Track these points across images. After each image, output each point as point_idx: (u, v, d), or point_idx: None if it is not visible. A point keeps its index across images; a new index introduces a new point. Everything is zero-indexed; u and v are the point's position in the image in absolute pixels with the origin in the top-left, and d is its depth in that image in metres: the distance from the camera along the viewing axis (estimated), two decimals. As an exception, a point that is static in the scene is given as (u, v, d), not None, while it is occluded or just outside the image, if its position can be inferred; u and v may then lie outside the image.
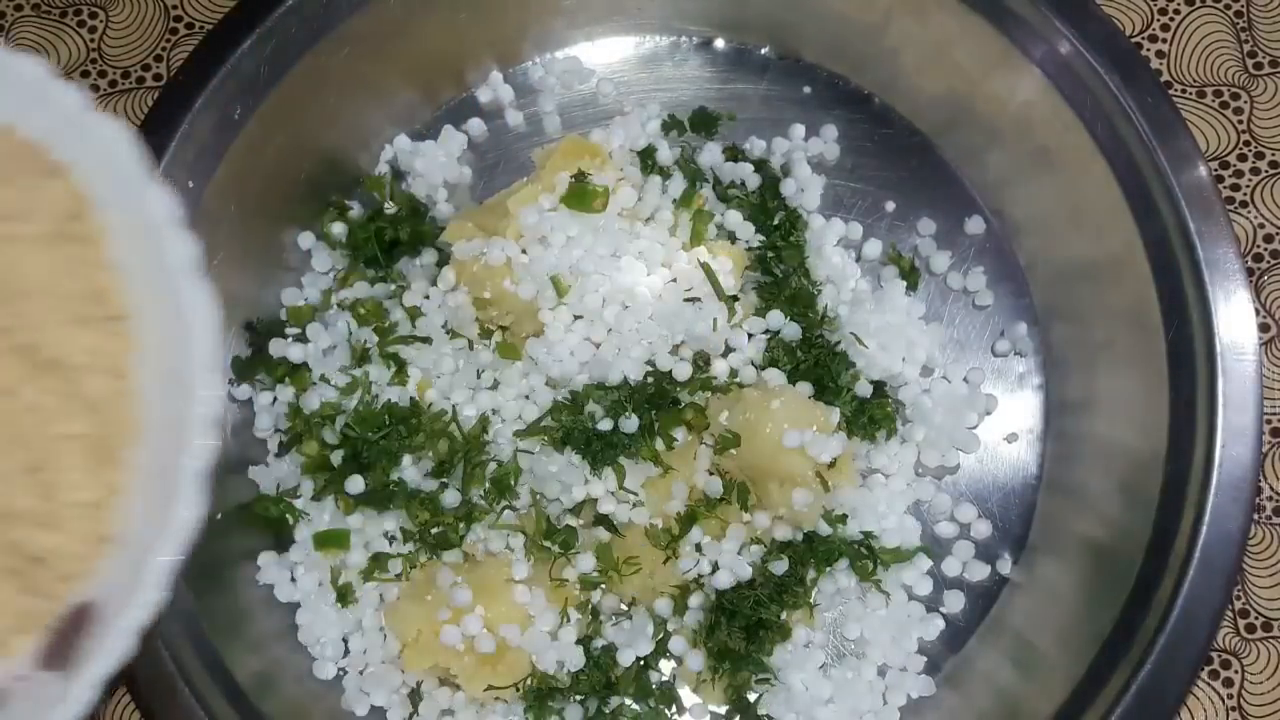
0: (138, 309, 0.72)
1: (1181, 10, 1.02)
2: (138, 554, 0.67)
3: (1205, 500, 0.80)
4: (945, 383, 0.94)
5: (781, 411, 0.86)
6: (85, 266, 0.72)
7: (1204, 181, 0.84)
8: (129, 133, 0.72)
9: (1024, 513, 0.94)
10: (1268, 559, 0.93)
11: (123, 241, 0.73)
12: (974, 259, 0.98)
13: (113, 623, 0.65)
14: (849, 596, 0.90)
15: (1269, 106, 1.00)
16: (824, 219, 0.96)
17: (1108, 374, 0.92)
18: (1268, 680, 0.91)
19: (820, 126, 0.99)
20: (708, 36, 1.02)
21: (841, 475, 0.88)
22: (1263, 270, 0.98)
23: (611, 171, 0.95)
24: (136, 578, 0.66)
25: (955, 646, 0.92)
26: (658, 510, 0.88)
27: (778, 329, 0.91)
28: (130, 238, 0.73)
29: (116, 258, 0.73)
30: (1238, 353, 0.82)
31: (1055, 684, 0.83)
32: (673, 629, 0.88)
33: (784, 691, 0.87)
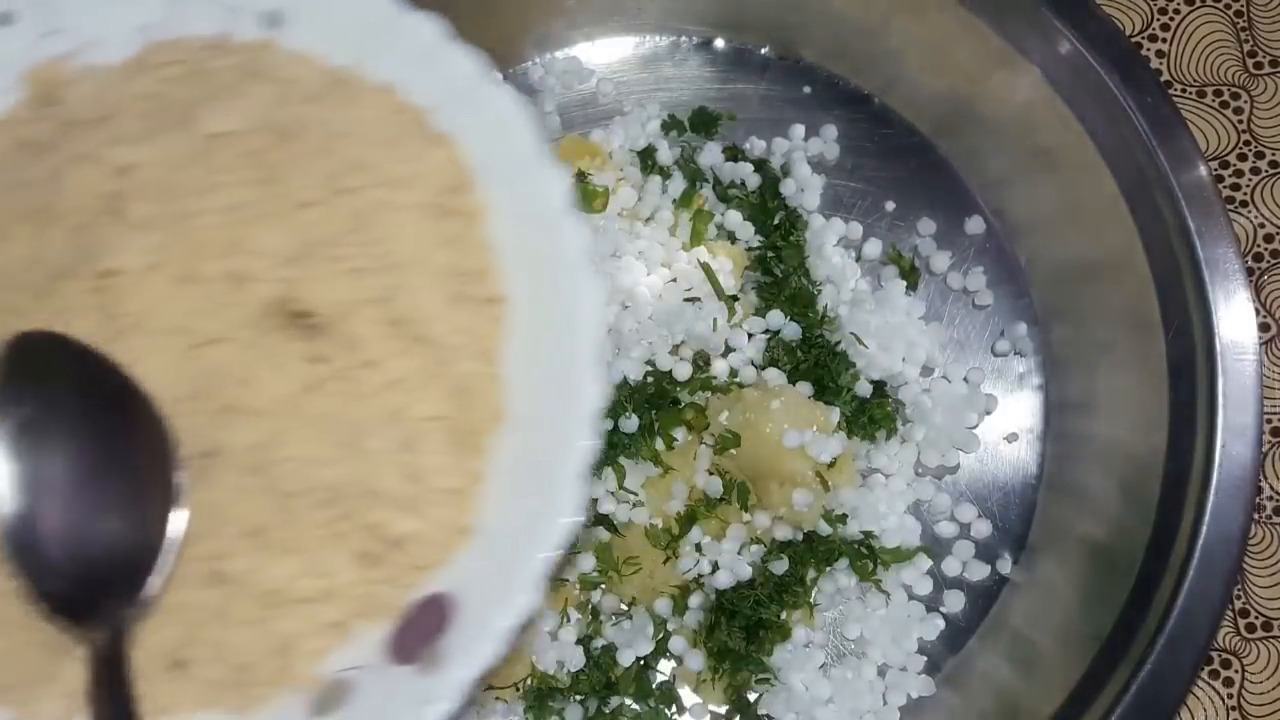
0: (515, 293, 0.68)
1: (1181, 10, 1.02)
2: (503, 550, 0.62)
3: (1205, 500, 0.80)
4: (945, 382, 0.94)
5: (781, 411, 0.86)
6: (463, 243, 0.68)
7: (1204, 181, 0.84)
8: (525, 107, 0.67)
9: (1024, 512, 0.94)
10: (1268, 559, 0.93)
11: (506, 221, 0.69)
12: (974, 259, 0.98)
13: (477, 622, 0.61)
14: (849, 596, 0.90)
15: (1269, 106, 1.00)
16: (824, 219, 0.96)
17: (1108, 374, 0.92)
18: (1268, 680, 0.91)
19: (820, 126, 0.99)
20: (708, 36, 1.02)
21: (841, 475, 0.88)
22: (1263, 270, 0.98)
23: (611, 171, 0.95)
24: (504, 576, 0.61)
25: (955, 646, 0.92)
26: (658, 510, 0.88)
27: (778, 329, 0.91)
28: (515, 218, 0.68)
29: (497, 237, 0.69)
30: (1238, 352, 0.82)
31: (1055, 683, 0.83)
32: (673, 629, 0.89)
33: (784, 691, 0.87)
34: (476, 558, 0.63)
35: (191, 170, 0.66)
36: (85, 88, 0.71)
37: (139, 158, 0.66)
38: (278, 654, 0.63)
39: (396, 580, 0.64)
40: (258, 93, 0.69)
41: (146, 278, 0.63)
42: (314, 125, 0.68)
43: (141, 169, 0.66)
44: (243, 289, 0.64)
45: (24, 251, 0.66)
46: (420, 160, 0.69)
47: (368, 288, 0.65)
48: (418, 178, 0.68)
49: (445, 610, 0.62)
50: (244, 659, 0.62)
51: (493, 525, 0.64)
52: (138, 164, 0.66)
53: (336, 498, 0.63)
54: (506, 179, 0.69)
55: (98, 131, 0.69)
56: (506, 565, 0.62)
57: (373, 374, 0.64)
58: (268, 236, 0.65)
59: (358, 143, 0.68)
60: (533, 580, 0.60)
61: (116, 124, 0.69)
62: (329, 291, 0.64)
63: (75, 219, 0.65)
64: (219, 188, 0.66)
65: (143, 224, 0.64)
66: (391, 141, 0.69)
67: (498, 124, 0.69)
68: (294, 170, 0.67)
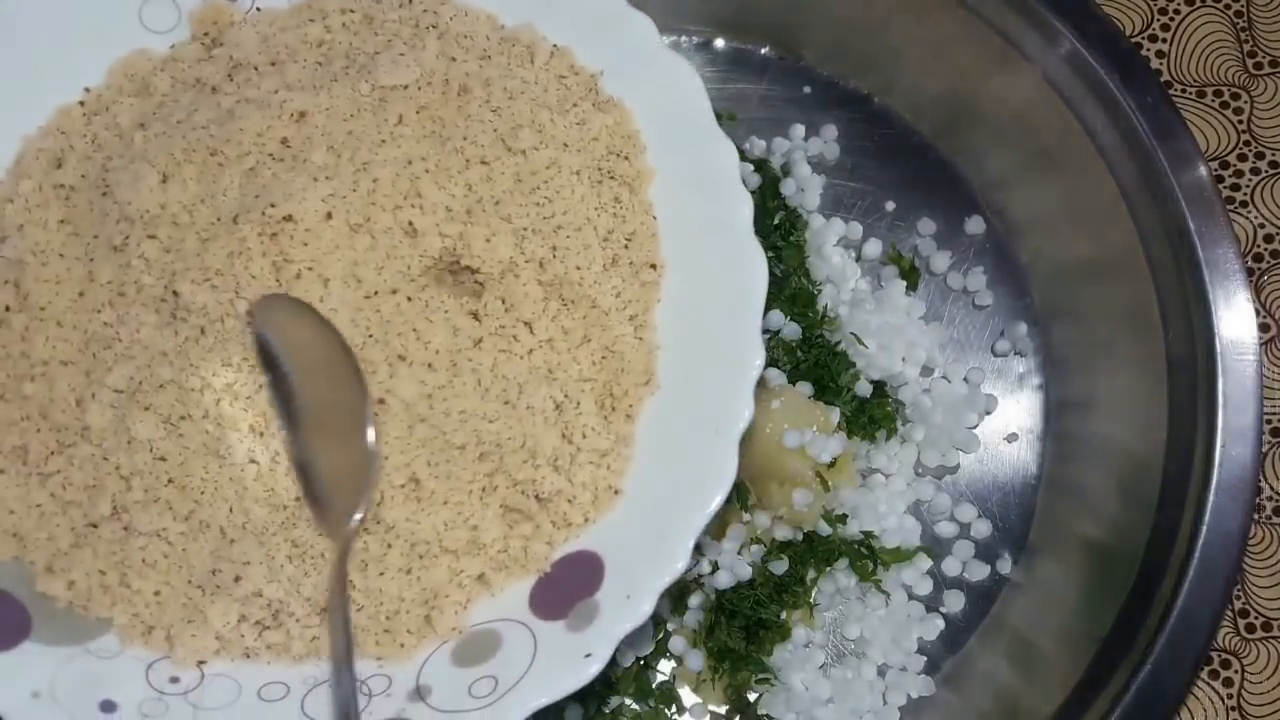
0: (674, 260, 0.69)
1: (1181, 10, 1.02)
2: (655, 513, 0.63)
3: (1205, 500, 0.80)
4: (945, 383, 0.94)
5: (781, 411, 0.86)
6: (625, 208, 0.69)
7: (1204, 181, 0.84)
8: (698, 77, 0.68)
9: (1024, 513, 0.94)
10: (1268, 559, 0.93)
11: (670, 188, 0.69)
12: (974, 259, 0.98)
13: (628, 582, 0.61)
14: (849, 596, 0.90)
15: (1269, 106, 1.00)
16: (824, 219, 0.96)
17: (1108, 374, 0.92)
18: (1268, 680, 0.91)
19: (820, 126, 0.99)
20: (708, 36, 1.02)
21: (841, 475, 0.88)
22: (1263, 270, 0.98)
23: (611, 171, 0.95)
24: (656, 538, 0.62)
25: (955, 646, 0.92)
26: (658, 510, 0.88)
27: (778, 329, 0.91)
28: (680, 185, 0.69)
29: (660, 204, 0.69)
30: (1238, 352, 0.82)
31: (1055, 684, 0.83)
32: (672, 629, 0.88)
33: (784, 691, 0.87)
34: (625, 519, 0.64)
35: (367, 121, 0.67)
36: (252, 31, 0.71)
37: (314, 105, 0.67)
38: (423, 603, 0.64)
39: (543, 537, 0.64)
40: (431, 47, 0.70)
41: (323, 225, 0.64)
42: (486, 83, 0.69)
43: (317, 116, 0.67)
44: (413, 242, 0.65)
45: (192, 193, 0.66)
46: (589, 124, 0.69)
47: (531, 248, 0.66)
48: (586, 141, 0.69)
49: (592, 569, 0.63)
50: (391, 606, 0.64)
51: (642, 488, 0.65)
52: (312, 111, 0.67)
53: (494, 452, 0.64)
54: (674, 146, 0.69)
55: (269, 77, 0.69)
56: (660, 528, 0.62)
57: (529, 333, 0.65)
58: (440, 192, 0.65)
59: (529, 103, 0.69)
60: (686, 543, 0.61)
61: (287, 69, 0.70)
62: (494, 250, 0.65)
63: (248, 163, 0.66)
64: (394, 140, 0.66)
65: (320, 172, 0.65)
66: (562, 104, 0.70)
67: (668, 91, 0.69)
68: (466, 127, 0.67)
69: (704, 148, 0.68)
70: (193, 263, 0.64)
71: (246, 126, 0.66)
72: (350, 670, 0.59)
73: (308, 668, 0.64)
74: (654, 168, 0.70)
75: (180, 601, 0.64)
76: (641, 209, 0.69)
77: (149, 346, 0.65)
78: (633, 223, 0.69)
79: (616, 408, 0.66)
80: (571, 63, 0.71)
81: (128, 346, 0.65)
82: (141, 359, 0.65)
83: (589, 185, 0.68)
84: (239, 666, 0.64)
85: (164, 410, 0.64)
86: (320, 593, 0.64)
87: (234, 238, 0.64)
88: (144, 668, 0.63)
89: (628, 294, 0.68)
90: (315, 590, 0.64)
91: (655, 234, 0.69)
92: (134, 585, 0.64)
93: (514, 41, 0.72)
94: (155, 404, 0.64)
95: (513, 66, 0.70)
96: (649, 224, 0.69)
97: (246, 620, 0.64)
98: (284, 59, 0.70)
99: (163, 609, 0.64)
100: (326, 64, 0.70)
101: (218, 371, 0.63)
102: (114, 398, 0.65)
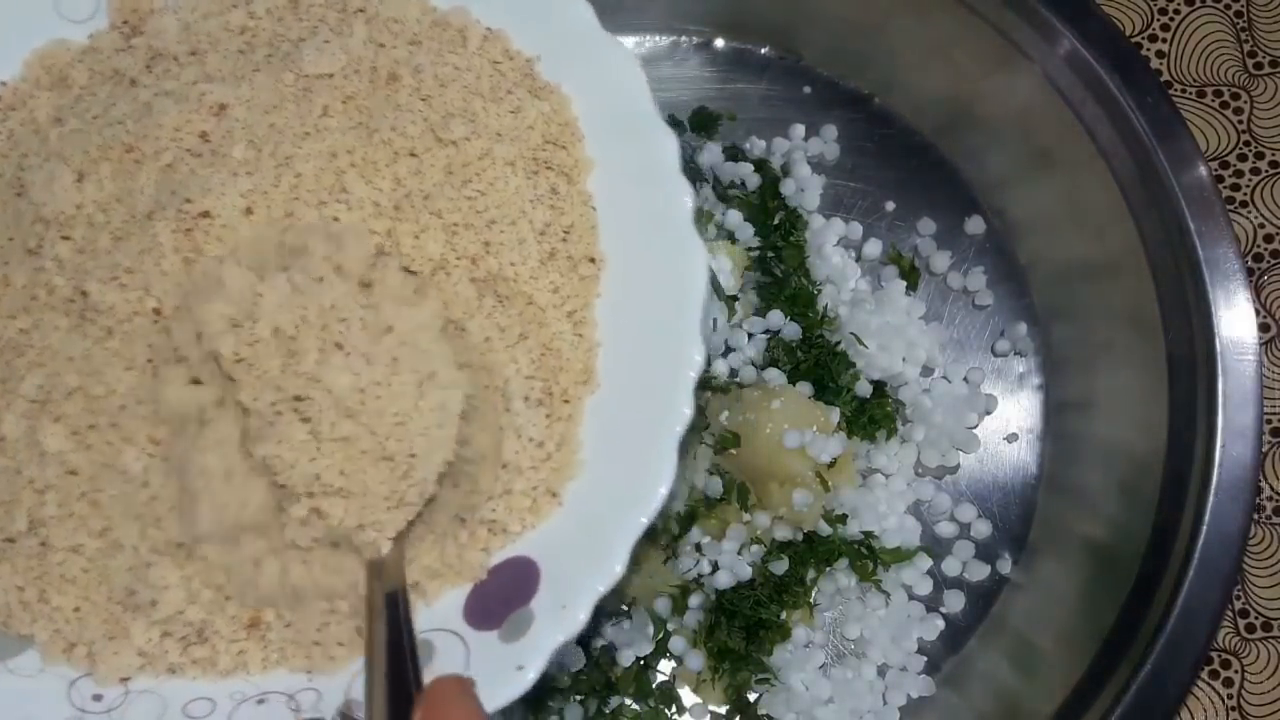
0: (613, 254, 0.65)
1: (1181, 10, 1.02)
2: (592, 517, 0.61)
3: (1205, 500, 0.80)
4: (945, 383, 0.94)
5: (781, 411, 0.86)
6: (562, 200, 0.66)
7: (1204, 181, 0.84)
8: (639, 63, 0.65)
9: (1024, 513, 0.94)
10: (1268, 559, 0.93)
11: (609, 180, 0.66)
12: (974, 259, 0.98)
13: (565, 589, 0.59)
14: (849, 596, 0.90)
15: (1269, 106, 1.00)
16: (824, 219, 0.96)
17: (1108, 374, 0.92)
18: (1268, 680, 0.91)
19: (820, 126, 0.99)
20: (707, 37, 1.02)
21: (841, 475, 0.88)
22: (1263, 270, 0.98)
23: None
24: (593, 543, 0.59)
25: (955, 646, 0.92)
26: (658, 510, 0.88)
27: (778, 329, 0.91)
28: (619, 176, 0.66)
29: (598, 195, 0.66)
30: (1238, 352, 0.82)
31: (1055, 684, 0.83)
32: (672, 629, 0.88)
33: (784, 691, 0.87)
34: (562, 523, 0.62)
35: (289, 113, 0.64)
36: (173, 18, 0.68)
37: (234, 97, 0.64)
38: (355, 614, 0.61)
39: (479, 544, 0.62)
40: (358, 33, 0.66)
41: (240, 221, 0.61)
42: (416, 70, 0.66)
43: (237, 109, 0.64)
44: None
45: (108, 192, 0.64)
46: (525, 112, 0.66)
47: (463, 244, 0.63)
48: (521, 130, 0.66)
49: (528, 576, 0.60)
50: (322, 618, 0.62)
51: (581, 492, 0.62)
52: (233, 104, 0.64)
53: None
54: (613, 136, 0.66)
55: (189, 67, 0.67)
56: (597, 532, 0.60)
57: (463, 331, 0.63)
58: (367, 186, 0.63)
59: (461, 91, 0.66)
60: (625, 547, 0.58)
61: (208, 59, 0.67)
62: (424, 247, 0.62)
63: (165, 159, 0.63)
64: (318, 132, 0.64)
65: (240, 167, 0.62)
66: (496, 90, 0.67)
67: (608, 79, 0.66)
68: (395, 117, 0.64)
69: (644, 138, 0.65)
70: (103, 261, 0.62)
71: (164, 121, 0.64)
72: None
73: (235, 683, 0.62)
74: (592, 158, 0.67)
75: (101, 618, 0.62)
76: (580, 200, 0.66)
77: (59, 352, 0.62)
78: (571, 215, 0.66)
79: (555, 408, 0.64)
80: (506, 48, 0.68)
81: (39, 353, 0.63)
82: (51, 366, 0.62)
83: (524, 177, 0.65)
84: (164, 682, 0.62)
85: (73, 420, 0.61)
86: (244, 610, 0.62)
87: (146, 235, 0.61)
88: (66, 686, 0.61)
89: (566, 289, 0.65)
90: (239, 608, 0.62)
91: (594, 226, 0.66)
92: (53, 601, 0.62)
93: (445, 26, 0.68)
94: (65, 413, 0.61)
95: (444, 52, 0.67)
96: (588, 216, 0.66)
97: (170, 636, 0.62)
98: (205, 48, 0.67)
99: (84, 625, 0.62)
100: (249, 52, 0.67)
101: (120, 376, 0.61)
102: (27, 408, 0.62)
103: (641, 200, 0.65)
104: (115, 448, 0.61)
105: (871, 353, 0.91)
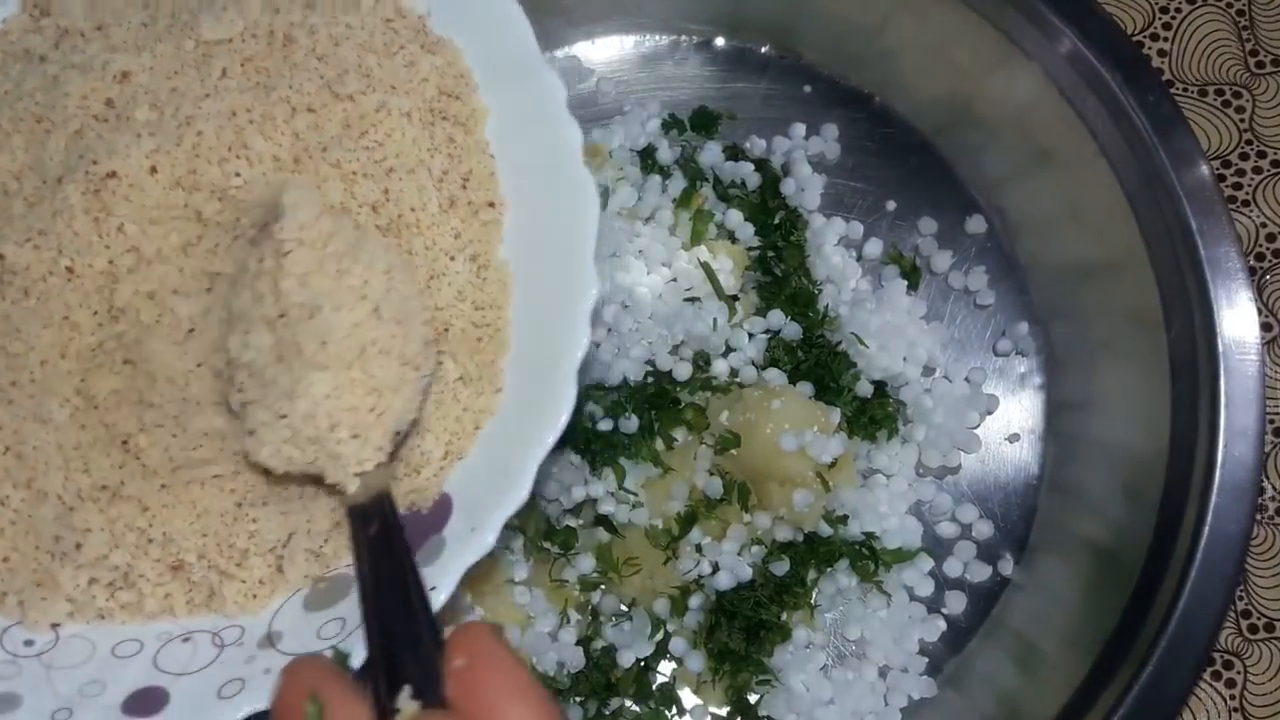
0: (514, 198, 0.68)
1: (1183, 9, 1.02)
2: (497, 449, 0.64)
3: (1207, 500, 0.79)
4: (946, 382, 0.94)
5: (782, 412, 0.85)
6: (459, 148, 0.69)
7: (1205, 180, 0.84)
8: (523, 13, 0.68)
9: (1025, 513, 0.94)
10: (1270, 559, 0.93)
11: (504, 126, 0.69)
12: (975, 258, 0.98)
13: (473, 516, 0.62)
14: (850, 597, 0.89)
15: (1271, 105, 1.00)
16: (824, 218, 0.96)
17: (1109, 374, 0.91)
18: (1270, 681, 0.91)
19: (820, 126, 0.99)
20: (708, 36, 1.02)
21: (842, 475, 0.88)
22: (1265, 269, 0.97)
23: (611, 171, 0.94)
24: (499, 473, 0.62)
25: (957, 647, 0.91)
26: (658, 510, 0.88)
27: (778, 329, 0.91)
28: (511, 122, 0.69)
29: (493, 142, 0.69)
30: (1240, 352, 0.81)
31: (1057, 685, 0.83)
32: (673, 630, 0.88)
33: (784, 693, 0.86)
34: (472, 458, 0.65)
35: (189, 77, 0.68)
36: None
37: (137, 65, 0.68)
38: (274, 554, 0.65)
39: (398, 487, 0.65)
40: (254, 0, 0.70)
41: (146, 180, 0.65)
42: (311, 31, 0.69)
43: (140, 76, 0.68)
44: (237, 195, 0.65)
45: (21, 161, 0.67)
46: (418, 65, 0.69)
47: (363, 192, 0.66)
48: (415, 83, 0.69)
49: (442, 508, 0.63)
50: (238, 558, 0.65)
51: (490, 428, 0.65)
52: (135, 71, 0.68)
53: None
54: (502, 83, 0.69)
55: (94, 41, 0.70)
56: (502, 463, 0.63)
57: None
58: (266, 142, 0.66)
59: (355, 48, 0.69)
60: (527, 476, 0.61)
61: (113, 32, 0.70)
62: (325, 195, 0.65)
63: (73, 126, 0.67)
64: (216, 94, 0.67)
65: (143, 129, 0.66)
66: (389, 47, 0.70)
67: (496, 29, 0.69)
68: (291, 76, 0.68)
69: (531, 82, 0.68)
70: (18, 225, 0.65)
71: (72, 90, 0.67)
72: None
73: (162, 624, 0.65)
74: (487, 107, 0.70)
75: (30, 567, 0.64)
76: (478, 148, 0.69)
77: None
78: (469, 162, 0.69)
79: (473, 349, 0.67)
80: (398, 6, 0.71)
81: None
82: None
83: (420, 127, 0.68)
84: (93, 627, 0.65)
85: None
86: (168, 553, 0.64)
87: (57, 198, 0.65)
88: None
89: (468, 234, 0.68)
90: (163, 551, 0.64)
91: (493, 173, 0.69)
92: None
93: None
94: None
95: (338, 13, 0.71)
96: (486, 163, 0.69)
97: (98, 583, 0.64)
98: (110, 22, 0.71)
99: (13, 575, 0.65)
100: (151, 24, 0.71)
101: (39, 334, 0.64)
102: None
103: (532, 143, 0.68)
104: (38, 400, 0.64)
105: (872, 353, 0.91)
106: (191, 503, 0.65)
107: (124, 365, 0.65)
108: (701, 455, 0.88)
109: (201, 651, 0.63)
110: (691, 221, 0.93)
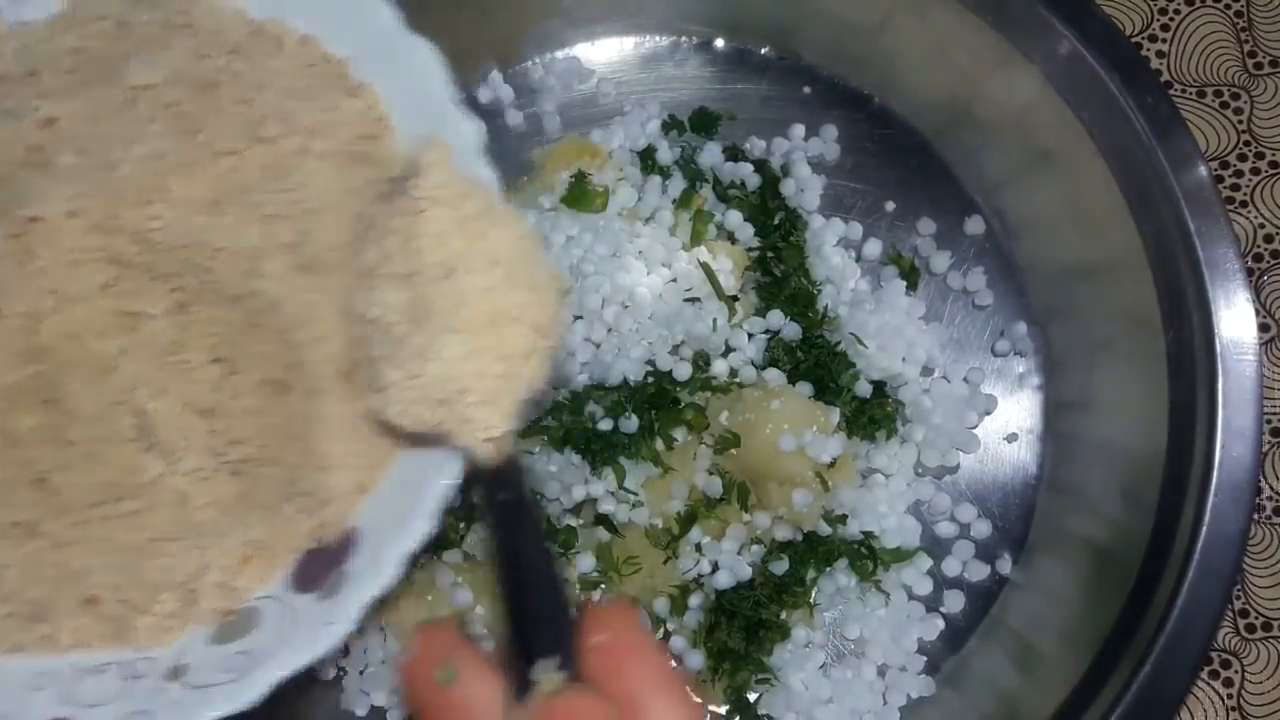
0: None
1: (1181, 10, 1.02)
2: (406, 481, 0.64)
3: (1205, 500, 0.80)
4: (945, 383, 0.94)
5: (781, 411, 0.86)
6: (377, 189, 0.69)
7: (1204, 181, 0.84)
8: (441, 58, 0.69)
9: (1024, 513, 0.94)
10: (1268, 559, 0.93)
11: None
12: (974, 259, 0.98)
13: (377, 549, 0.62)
14: (849, 596, 0.90)
15: (1269, 106, 1.00)
16: (824, 219, 0.96)
17: (1108, 374, 0.92)
18: (1268, 680, 0.91)
19: (820, 126, 0.99)
20: (708, 36, 1.02)
21: (841, 475, 0.88)
22: (1263, 270, 0.98)
23: (611, 171, 0.95)
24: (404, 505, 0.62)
25: (955, 646, 0.92)
26: (658, 510, 0.88)
27: (778, 329, 0.91)
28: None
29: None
30: (1238, 353, 0.82)
31: (1055, 684, 0.83)
32: (672, 629, 0.88)
33: (784, 691, 0.87)
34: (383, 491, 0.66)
35: (115, 122, 0.68)
36: (12, 44, 0.73)
37: (64, 111, 0.69)
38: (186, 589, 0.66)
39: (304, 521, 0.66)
40: (180, 45, 0.71)
41: (66, 224, 0.65)
42: (234, 76, 0.70)
43: (66, 122, 0.69)
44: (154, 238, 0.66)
45: None
46: (338, 109, 0.71)
47: (279, 233, 0.67)
48: (335, 126, 0.70)
49: (346, 540, 0.64)
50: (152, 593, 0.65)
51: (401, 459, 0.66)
52: (62, 117, 0.69)
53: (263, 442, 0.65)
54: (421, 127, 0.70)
55: (24, 87, 0.71)
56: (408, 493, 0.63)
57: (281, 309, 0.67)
58: (185, 184, 0.67)
59: (277, 93, 0.70)
60: (433, 508, 0.61)
61: (43, 79, 0.71)
62: (241, 238, 0.66)
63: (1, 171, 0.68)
64: (141, 138, 0.68)
65: (66, 174, 0.67)
66: (310, 91, 0.71)
67: (414, 74, 0.70)
68: (214, 120, 0.69)
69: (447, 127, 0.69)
70: None
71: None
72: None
73: (74, 656, 0.65)
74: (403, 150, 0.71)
75: None
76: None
77: None
78: None
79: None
80: (320, 51, 0.72)
81: None
82: None
83: (340, 169, 0.69)
84: (6, 660, 0.65)
85: None
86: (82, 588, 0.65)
87: None
88: None
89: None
90: (77, 586, 0.65)
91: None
92: None
93: (262, 34, 0.73)
94: None
95: (261, 58, 0.72)
96: None
97: (14, 616, 0.65)
98: (41, 69, 0.72)
99: None
100: (81, 70, 0.72)
101: None
102: None
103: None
104: None
105: (871, 353, 0.91)
106: (106, 538, 0.65)
107: (42, 405, 0.65)
108: (701, 455, 0.88)
109: (111, 684, 0.63)
110: (691, 222, 0.93)
